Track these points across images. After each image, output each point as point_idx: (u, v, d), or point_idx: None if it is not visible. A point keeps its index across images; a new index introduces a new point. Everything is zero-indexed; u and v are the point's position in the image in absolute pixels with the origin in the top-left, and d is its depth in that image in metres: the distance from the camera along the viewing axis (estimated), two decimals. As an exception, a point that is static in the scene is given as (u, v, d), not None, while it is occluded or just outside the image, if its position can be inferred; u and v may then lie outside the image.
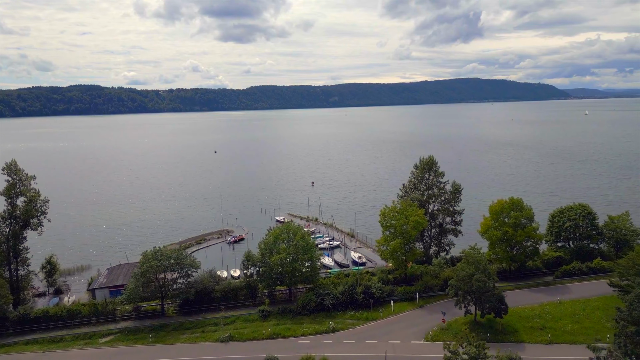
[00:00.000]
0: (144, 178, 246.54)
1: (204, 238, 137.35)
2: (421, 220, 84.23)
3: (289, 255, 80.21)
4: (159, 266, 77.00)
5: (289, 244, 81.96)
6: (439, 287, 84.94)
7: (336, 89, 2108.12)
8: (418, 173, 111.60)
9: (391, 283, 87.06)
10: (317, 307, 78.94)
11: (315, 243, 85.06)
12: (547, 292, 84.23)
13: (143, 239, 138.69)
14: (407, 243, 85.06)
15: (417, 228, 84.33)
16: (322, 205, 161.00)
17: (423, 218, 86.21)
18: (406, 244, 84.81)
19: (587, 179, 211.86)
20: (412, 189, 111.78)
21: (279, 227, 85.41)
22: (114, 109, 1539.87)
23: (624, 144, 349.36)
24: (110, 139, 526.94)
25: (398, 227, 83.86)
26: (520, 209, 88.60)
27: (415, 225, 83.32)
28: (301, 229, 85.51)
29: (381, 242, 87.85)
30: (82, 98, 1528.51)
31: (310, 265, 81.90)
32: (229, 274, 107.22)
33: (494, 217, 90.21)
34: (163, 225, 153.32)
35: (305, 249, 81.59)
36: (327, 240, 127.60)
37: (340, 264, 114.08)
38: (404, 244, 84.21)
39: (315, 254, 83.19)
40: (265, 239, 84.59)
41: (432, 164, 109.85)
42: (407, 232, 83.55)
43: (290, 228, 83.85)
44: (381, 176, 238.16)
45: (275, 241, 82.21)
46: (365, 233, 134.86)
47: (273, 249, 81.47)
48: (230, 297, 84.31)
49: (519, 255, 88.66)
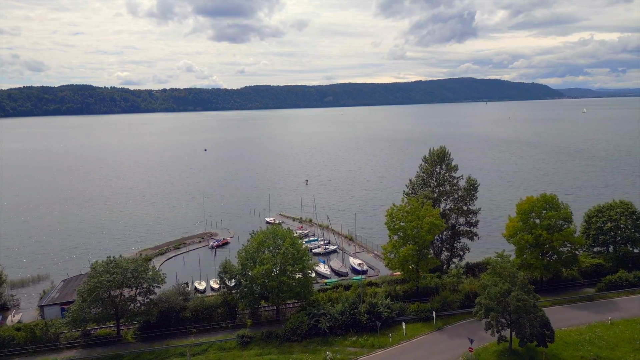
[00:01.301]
0: (126, 178, 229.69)
1: (183, 242, 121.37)
2: (437, 222, 68.76)
3: (275, 266, 64.60)
4: (111, 281, 61.01)
5: (275, 252, 66.30)
6: (460, 303, 69.58)
7: (331, 89, 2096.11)
8: (427, 167, 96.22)
9: (401, 298, 71.56)
10: (310, 330, 63.29)
11: (308, 249, 69.22)
12: (592, 309, 69.01)
13: (112, 245, 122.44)
14: (421, 250, 69.43)
15: (433, 232, 68.86)
16: (317, 205, 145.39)
17: (439, 220, 70.73)
18: (419, 251, 69.18)
19: (611, 176, 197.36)
20: (421, 185, 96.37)
21: (263, 232, 69.66)
22: (106, 109, 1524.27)
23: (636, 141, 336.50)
24: (96, 138, 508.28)
25: (409, 231, 68.29)
26: (555, 208, 73.41)
27: (430, 228, 67.83)
28: (290, 233, 69.81)
29: (388, 248, 72.10)
30: (73, 98, 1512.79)
31: (302, 278, 66.28)
32: (207, 285, 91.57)
33: (522, 218, 74.96)
34: (139, 229, 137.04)
35: (296, 257, 66.01)
36: (322, 245, 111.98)
37: (337, 272, 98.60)
38: (417, 251, 68.60)
39: (307, 264, 67.64)
40: (246, 246, 68.89)
41: (443, 155, 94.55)
42: (420, 237, 67.97)
43: (278, 232, 68.19)
44: (381, 174, 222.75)
45: (258, 249, 66.49)
46: (365, 236, 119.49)
47: (256, 258, 65.75)
48: (203, 317, 68.45)
49: (554, 264, 73.39)
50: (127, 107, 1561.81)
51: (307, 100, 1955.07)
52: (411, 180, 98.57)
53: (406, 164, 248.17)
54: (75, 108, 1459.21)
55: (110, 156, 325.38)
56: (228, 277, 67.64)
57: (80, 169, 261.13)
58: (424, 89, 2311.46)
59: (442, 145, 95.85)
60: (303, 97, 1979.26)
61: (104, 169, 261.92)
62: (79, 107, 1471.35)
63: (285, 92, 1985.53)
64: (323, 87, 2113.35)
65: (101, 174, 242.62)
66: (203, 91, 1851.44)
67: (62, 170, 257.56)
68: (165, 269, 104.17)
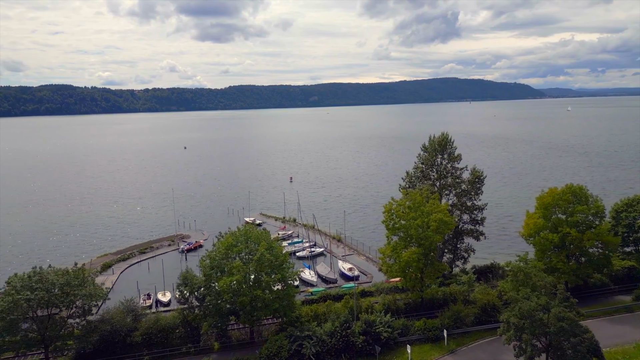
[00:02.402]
0: (95, 177, 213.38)
1: (150, 246, 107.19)
2: (447, 220, 56.10)
3: (247, 277, 51.29)
4: (31, 300, 46.97)
5: (247, 259, 52.97)
6: (476, 318, 57.14)
7: (316, 89, 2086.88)
8: (427, 157, 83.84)
9: (402, 313, 58.85)
10: (292, 358, 50.14)
11: (289, 255, 55.89)
12: (634, 323, 57.09)
13: (66, 250, 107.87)
14: (427, 253, 56.63)
15: (442, 231, 56.15)
16: (302, 202, 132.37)
17: (449, 216, 58.04)
18: (425, 255, 56.36)
19: (611, 172, 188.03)
20: (420, 178, 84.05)
21: (232, 234, 56.10)
22: (87, 109, 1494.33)
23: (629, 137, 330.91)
24: (71, 137, 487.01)
25: (413, 231, 55.44)
26: (583, 201, 61.47)
27: (438, 226, 55.12)
28: (267, 235, 56.48)
29: (386, 252, 59.06)
30: (53, 98, 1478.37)
31: (282, 291, 53.08)
32: (173, 296, 77.76)
33: (544, 214, 62.89)
34: (101, 232, 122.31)
35: (274, 265, 52.82)
36: (307, 247, 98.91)
37: (325, 279, 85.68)
38: (422, 254, 55.78)
39: (289, 273, 54.46)
40: (210, 252, 55.33)
41: (445, 143, 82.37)
42: (426, 238, 55.18)
43: (251, 234, 54.82)
44: (370, 171, 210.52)
45: (226, 255, 53.06)
46: (356, 237, 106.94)
47: (223, 267, 52.37)
48: (158, 341, 54.69)
49: (584, 268, 61.37)
50: (109, 107, 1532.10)
51: (292, 100, 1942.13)
52: (408, 172, 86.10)
53: (396, 161, 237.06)
54: (55, 108, 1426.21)
55: (83, 155, 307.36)
56: (189, 290, 54.06)
57: (47, 169, 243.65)
58: (409, 89, 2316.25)
59: (444, 132, 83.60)
60: (288, 97, 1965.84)
61: (74, 168, 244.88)
62: (58, 107, 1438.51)
63: (269, 91, 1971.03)
64: (308, 87, 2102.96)
65: (69, 173, 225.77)
66: (186, 91, 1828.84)
67: (26, 170, 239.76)
68: (125, 277, 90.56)
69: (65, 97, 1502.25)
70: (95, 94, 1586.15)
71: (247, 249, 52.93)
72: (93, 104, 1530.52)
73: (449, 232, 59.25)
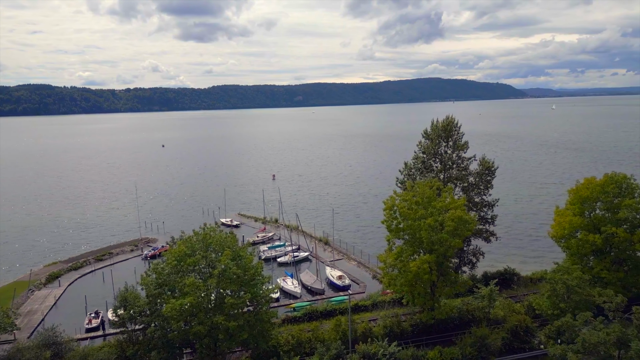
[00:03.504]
0: (61, 177, 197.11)
1: (108, 252, 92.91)
2: (467, 218, 43.48)
3: (205, 298, 37.95)
4: None
5: (206, 274, 39.60)
6: (504, 344, 44.71)
7: (300, 89, 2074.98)
8: (429, 144, 71.41)
9: (409, 336, 46.12)
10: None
11: (262, 265, 42.26)
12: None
13: (11, 259, 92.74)
14: (442, 262, 43.98)
15: (461, 233, 43.49)
16: (285, 201, 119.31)
17: (466, 214, 45.34)
18: (440, 265, 43.68)
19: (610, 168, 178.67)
20: (420, 170, 71.64)
21: (187, 239, 42.50)
22: (66, 109, 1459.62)
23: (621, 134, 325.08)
24: (42, 137, 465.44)
25: (423, 233, 42.67)
26: (629, 194, 49.62)
27: (457, 227, 42.46)
28: (233, 240, 43.00)
29: (388, 260, 46.03)
30: (30, 98, 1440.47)
31: (252, 316, 39.80)
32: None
33: (579, 210, 50.88)
34: (55, 236, 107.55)
35: (242, 281, 39.52)
36: (290, 252, 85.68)
37: (311, 289, 72.80)
38: (437, 264, 43.06)
39: (263, 291, 41.20)
40: (155, 264, 41.69)
41: (450, 128, 70.06)
42: (441, 242, 42.47)
43: (212, 239, 41.35)
44: (359, 168, 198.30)
45: (177, 269, 39.59)
46: (345, 239, 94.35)
47: (173, 285, 38.97)
48: (88, 383, 41.02)
49: (632, 277, 49.33)
50: (89, 108, 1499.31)
51: (277, 100, 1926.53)
52: (407, 163, 73.54)
53: (385, 158, 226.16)
54: (33, 108, 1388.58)
55: (51, 155, 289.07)
56: (128, 315, 40.52)
57: (8, 169, 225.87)
58: (393, 89, 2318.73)
59: (449, 115, 71.27)
60: (272, 97, 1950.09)
61: (38, 168, 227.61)
62: (36, 108, 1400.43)
63: (254, 91, 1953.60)
64: (292, 87, 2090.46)
65: (31, 173, 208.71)
66: (169, 91, 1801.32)
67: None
68: (73, 290, 76.46)
69: (44, 97, 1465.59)
70: (74, 93, 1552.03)
71: (205, 260, 39.52)
72: (72, 104, 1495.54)
73: (470, 234, 46.39)
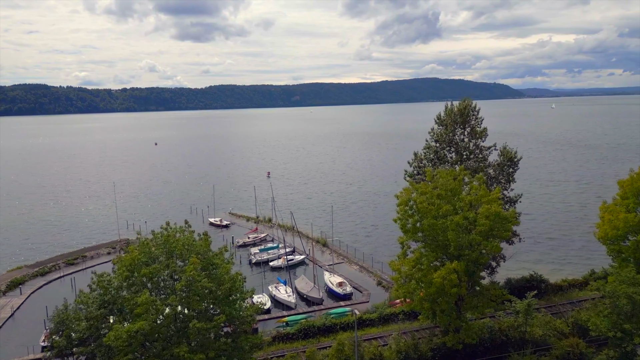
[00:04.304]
0: (42, 174, 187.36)
1: (82, 255, 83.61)
2: (507, 215, 34.13)
3: (166, 319, 28.61)
4: None
5: (167, 288, 30.23)
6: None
7: (298, 89, 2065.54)
8: (443, 131, 62.23)
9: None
10: None
11: (241, 277, 32.49)
12: None
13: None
14: (474, 272, 34.67)
15: (500, 234, 34.20)
16: (279, 199, 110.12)
17: (501, 209, 35.87)
18: (471, 275, 34.38)
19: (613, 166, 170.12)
20: (433, 161, 62.45)
21: (144, 243, 33.11)
22: (62, 108, 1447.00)
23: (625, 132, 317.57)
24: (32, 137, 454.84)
25: (450, 234, 33.28)
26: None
27: (494, 226, 33.14)
28: (205, 244, 33.61)
29: (405, 268, 36.42)
30: (26, 98, 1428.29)
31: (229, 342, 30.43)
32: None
33: (633, 205, 41.79)
34: (25, 237, 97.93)
35: (216, 298, 30.15)
36: (283, 255, 76.28)
37: (307, 298, 63.59)
38: (467, 274, 33.76)
39: (243, 311, 31.79)
40: (100, 276, 32.19)
41: (467, 113, 60.86)
42: (473, 245, 33.16)
43: (175, 243, 31.94)
44: (359, 166, 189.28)
45: (130, 282, 30.19)
46: (346, 240, 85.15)
47: (122, 304, 29.59)
48: None
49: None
50: (85, 107, 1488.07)
51: (274, 100, 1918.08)
52: (416, 153, 64.31)
53: (386, 156, 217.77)
54: (28, 108, 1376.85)
55: (37, 154, 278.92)
56: (65, 342, 31.15)
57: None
58: (390, 89, 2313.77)
59: (466, 98, 62.06)
60: (270, 97, 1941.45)
61: (21, 167, 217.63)
62: (31, 108, 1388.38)
63: (251, 91, 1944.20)
64: (290, 87, 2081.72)
65: (14, 172, 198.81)
66: (166, 90, 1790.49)
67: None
68: (36, 300, 67.28)
69: (39, 96, 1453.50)
70: (70, 93, 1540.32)
71: (166, 271, 30.21)
72: (68, 103, 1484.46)
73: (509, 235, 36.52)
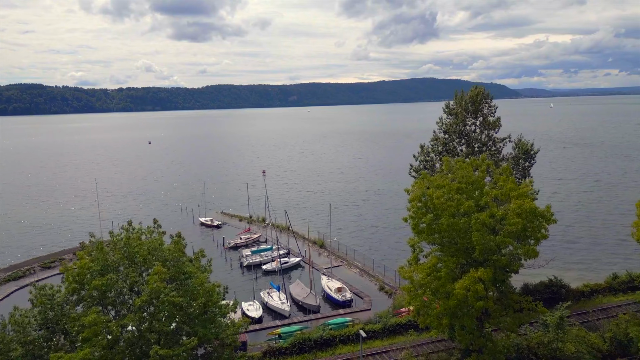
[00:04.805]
0: (27, 174, 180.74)
1: (60, 257, 77.39)
2: (543, 212, 28.20)
3: (125, 343, 22.61)
4: None
5: (126, 302, 24.20)
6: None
7: (295, 89, 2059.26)
8: (453, 121, 56.58)
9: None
10: None
11: (219, 290, 26.43)
12: None
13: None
14: (503, 280, 28.83)
15: (534, 234, 28.31)
16: (275, 198, 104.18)
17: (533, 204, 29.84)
18: (500, 284, 28.54)
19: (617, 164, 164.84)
20: (442, 154, 56.69)
21: (100, 245, 27.03)
22: (57, 108, 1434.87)
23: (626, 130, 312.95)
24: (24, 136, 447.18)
25: (475, 235, 27.30)
26: None
27: (526, 225, 27.30)
28: (177, 249, 27.49)
29: (418, 277, 30.18)
30: (21, 98, 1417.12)
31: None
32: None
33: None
34: (4, 238, 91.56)
35: (189, 315, 24.10)
36: (277, 257, 70.13)
37: (302, 305, 57.74)
38: (494, 282, 27.89)
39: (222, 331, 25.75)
40: (40, 289, 26.08)
41: (480, 101, 55.19)
42: (499, 247, 27.30)
43: (138, 248, 25.87)
44: (357, 164, 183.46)
45: (78, 295, 24.13)
46: (345, 241, 79.27)
47: (64, 324, 23.56)
48: None
49: None
50: (80, 107, 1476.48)
51: (271, 99, 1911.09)
52: (423, 145, 58.61)
53: (384, 154, 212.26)
54: (24, 108, 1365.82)
55: (25, 153, 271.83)
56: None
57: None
58: (387, 88, 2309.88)
59: (478, 85, 56.29)
60: (267, 97, 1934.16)
61: (5, 166, 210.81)
62: (27, 107, 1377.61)
63: (248, 91, 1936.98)
64: (287, 86, 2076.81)
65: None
66: (162, 90, 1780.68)
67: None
68: (4, 307, 60.69)
69: (35, 96, 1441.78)
70: (66, 93, 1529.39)
71: (126, 281, 24.20)
72: (64, 103, 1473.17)
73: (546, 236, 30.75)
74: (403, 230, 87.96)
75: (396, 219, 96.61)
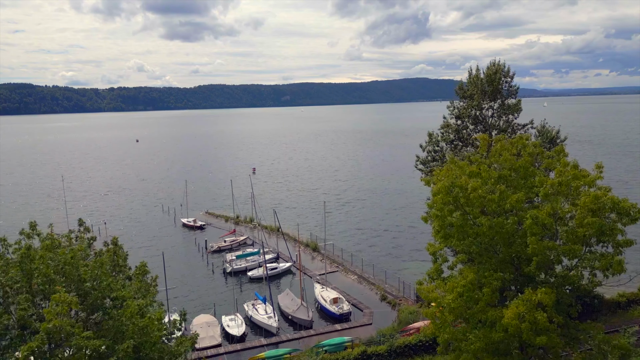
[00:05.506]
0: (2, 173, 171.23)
1: (20, 264, 68.05)
2: (629, 206, 20.32)
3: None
4: None
5: (16, 341, 15.99)
6: None
7: (288, 89, 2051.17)
8: (467, 104, 48.53)
9: None
10: None
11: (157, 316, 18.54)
12: None
13: None
14: (570, 304, 20.91)
15: (613, 239, 20.46)
16: (265, 197, 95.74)
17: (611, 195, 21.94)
18: (567, 308, 20.62)
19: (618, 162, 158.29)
20: (454, 142, 48.68)
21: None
22: (47, 108, 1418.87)
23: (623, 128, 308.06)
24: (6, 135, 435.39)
25: (533, 241, 19.15)
26: None
27: (604, 224, 19.48)
28: (101, 265, 19.25)
29: (448, 298, 21.88)
30: (10, 97, 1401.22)
31: None
32: None
33: None
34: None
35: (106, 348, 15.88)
36: (264, 262, 61.53)
37: (292, 319, 49.45)
38: (558, 306, 19.95)
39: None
40: None
41: (498, 79, 47.04)
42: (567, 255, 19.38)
43: (42, 262, 17.60)
44: (352, 163, 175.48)
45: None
46: (340, 244, 71.03)
47: None
48: None
49: None
50: (71, 107, 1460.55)
51: (264, 99, 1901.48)
52: (432, 133, 50.51)
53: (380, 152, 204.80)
54: (12, 108, 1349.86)
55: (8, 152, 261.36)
56: None
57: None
58: (380, 88, 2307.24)
59: (496, 59, 48.37)
60: (260, 97, 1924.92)
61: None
62: (16, 107, 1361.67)
63: (241, 91, 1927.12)
64: (280, 86, 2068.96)
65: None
66: (154, 90, 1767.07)
67: None
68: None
69: (24, 96, 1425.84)
70: (56, 92, 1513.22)
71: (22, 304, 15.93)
72: (54, 103, 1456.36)
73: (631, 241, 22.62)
74: (406, 231, 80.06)
75: (397, 219, 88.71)
